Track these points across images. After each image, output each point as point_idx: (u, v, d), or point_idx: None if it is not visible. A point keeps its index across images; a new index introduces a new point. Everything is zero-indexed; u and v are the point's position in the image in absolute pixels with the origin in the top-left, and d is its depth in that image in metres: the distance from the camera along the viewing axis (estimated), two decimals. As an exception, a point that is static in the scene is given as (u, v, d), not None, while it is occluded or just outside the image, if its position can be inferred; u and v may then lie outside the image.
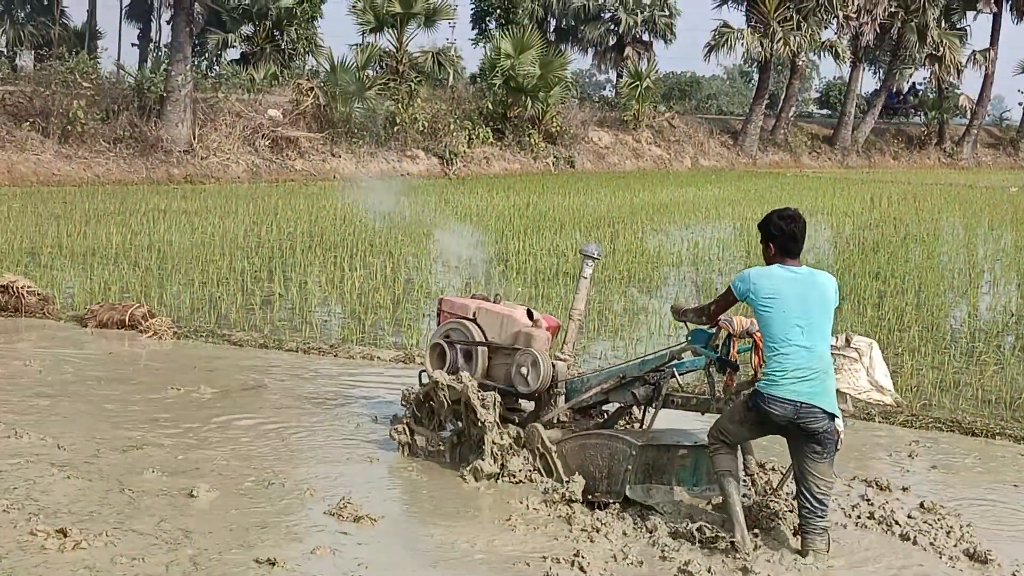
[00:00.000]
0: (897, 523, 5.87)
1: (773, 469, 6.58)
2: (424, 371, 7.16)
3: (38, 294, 11.00)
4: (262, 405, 7.87)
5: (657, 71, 44.77)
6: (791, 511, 5.83)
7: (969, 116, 54.99)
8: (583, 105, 43.68)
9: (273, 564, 5.04)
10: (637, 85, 42.17)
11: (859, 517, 5.99)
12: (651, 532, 5.66)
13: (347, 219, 19.49)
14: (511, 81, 35.93)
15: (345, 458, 6.77)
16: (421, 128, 33.37)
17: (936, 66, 51.18)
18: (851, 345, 5.89)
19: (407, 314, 11.53)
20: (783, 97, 51.56)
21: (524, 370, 6.63)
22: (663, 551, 5.41)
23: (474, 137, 34.82)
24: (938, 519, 5.96)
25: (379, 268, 14.08)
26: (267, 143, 30.07)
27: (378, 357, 9.63)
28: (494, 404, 6.49)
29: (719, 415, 5.89)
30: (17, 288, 10.81)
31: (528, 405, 6.99)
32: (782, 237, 5.57)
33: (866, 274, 14.77)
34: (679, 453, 6.08)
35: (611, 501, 5.97)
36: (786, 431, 5.50)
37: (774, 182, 35.15)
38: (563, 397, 6.64)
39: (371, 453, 6.84)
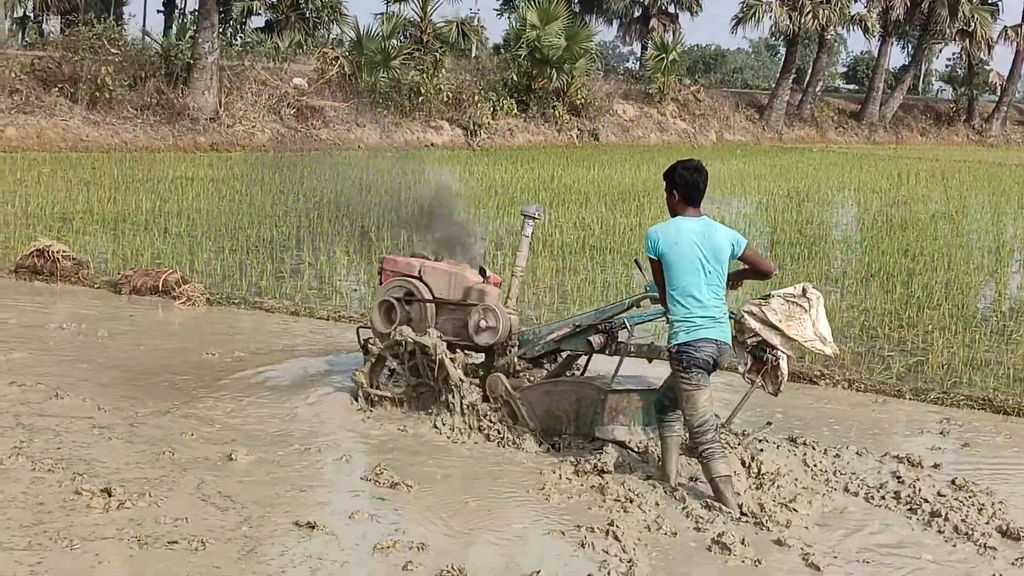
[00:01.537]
0: (926, 500, 5.91)
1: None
2: (361, 327, 7.61)
3: (73, 259, 11.10)
4: (297, 372, 7.94)
5: (683, 43, 44.55)
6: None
7: (999, 93, 54.56)
8: (608, 77, 43.57)
9: (313, 527, 5.11)
10: (663, 58, 41.98)
11: (886, 495, 6.03)
12: (684, 503, 5.72)
13: (372, 189, 19.52)
14: (536, 52, 35.82)
15: (380, 426, 6.83)
16: (445, 99, 33.33)
17: (966, 41, 50.80)
18: (806, 295, 6.12)
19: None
20: (810, 71, 51.26)
21: (483, 324, 6.89)
22: (697, 522, 5.47)
23: (498, 108, 34.77)
24: (969, 496, 5.98)
25: (405, 238, 14.12)
26: (292, 112, 30.12)
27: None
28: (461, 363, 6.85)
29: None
30: (53, 252, 10.92)
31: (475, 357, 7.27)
32: (685, 186, 5.91)
33: (895, 251, 14.73)
34: (637, 397, 6.47)
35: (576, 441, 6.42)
36: (707, 371, 5.82)
37: (800, 157, 35.01)
38: (516, 348, 6.95)
39: (404, 422, 6.90)
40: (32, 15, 45.18)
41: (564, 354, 7.09)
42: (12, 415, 6.52)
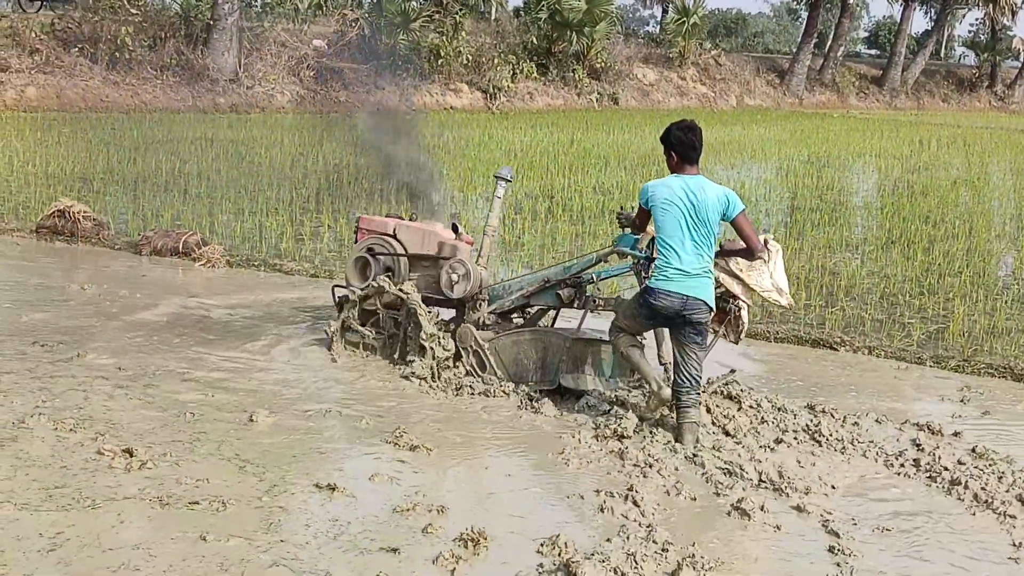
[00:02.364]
0: (946, 468, 5.90)
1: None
2: (337, 285, 7.95)
3: (93, 219, 11.14)
4: (317, 335, 7.95)
5: (704, 7, 44.15)
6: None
7: (1022, 59, 53.99)
8: (628, 41, 43.27)
9: (333, 489, 5.14)
10: (683, 21, 41.65)
11: (905, 463, 6.03)
12: (703, 467, 5.73)
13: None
14: (556, 15, 35.60)
15: (400, 388, 6.85)
16: (465, 62, 33.19)
17: (990, 6, 50.30)
18: (767, 247, 6.34)
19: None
20: (832, 36, 50.85)
21: (455, 277, 7.21)
22: (716, 487, 5.47)
23: (518, 72, 34.59)
24: (990, 464, 5.97)
25: (422, 203, 14.09)
26: (312, 73, 30.04)
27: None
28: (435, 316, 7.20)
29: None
30: (73, 213, 10.96)
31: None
32: (682, 146, 6.20)
33: (916, 218, 14.64)
34: (601, 347, 6.80)
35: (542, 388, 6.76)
36: (672, 322, 6.13)
37: (820, 123, 34.78)
38: (487, 303, 7.29)
39: (425, 385, 6.91)
40: (52, -25, 45.17)
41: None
42: (34, 375, 6.56)
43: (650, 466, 5.69)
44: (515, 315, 7.50)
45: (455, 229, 7.57)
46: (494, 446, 6.03)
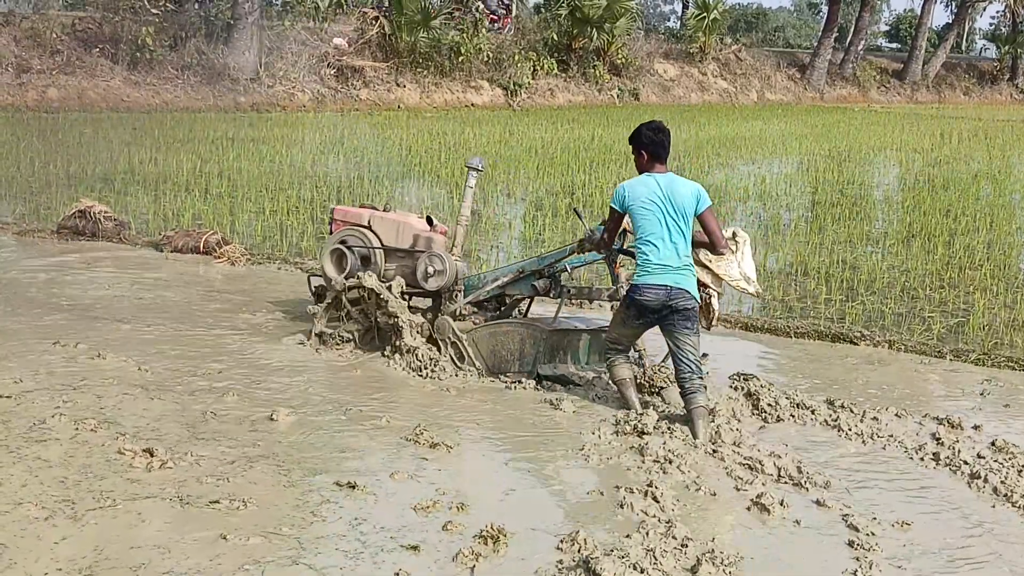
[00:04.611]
0: (966, 462, 5.88)
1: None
2: (312, 275, 8.31)
3: (114, 219, 11.20)
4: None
5: (724, 2, 44.02)
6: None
7: (1044, 51, 53.61)
8: (648, 37, 43.21)
9: (353, 487, 5.16)
10: (704, 16, 41.54)
11: (925, 457, 6.01)
12: (723, 463, 5.73)
13: (412, 150, 19.52)
14: (576, 12, 35.56)
15: (420, 386, 6.87)
16: (485, 59, 33.20)
17: (1012, -1, 49.89)
18: (735, 238, 6.66)
19: (475, 245, 11.57)
20: (852, 30, 50.55)
21: (431, 270, 7.38)
22: (736, 483, 5.47)
23: (538, 68, 34.59)
24: (1010, 458, 5.94)
25: (446, 199, 14.13)
26: (332, 72, 30.10)
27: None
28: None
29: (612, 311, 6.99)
30: (94, 213, 11.03)
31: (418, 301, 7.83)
32: (652, 145, 6.41)
33: (936, 211, 14.57)
34: (575, 337, 7.10)
35: (522, 378, 6.93)
36: (661, 315, 6.30)
37: (841, 117, 34.64)
38: (462, 294, 7.45)
39: (448, 383, 6.94)
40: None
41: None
42: (55, 375, 6.60)
43: (670, 461, 5.69)
44: (489, 305, 7.67)
45: (430, 221, 7.71)
46: (513, 443, 6.04)
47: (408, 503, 5.04)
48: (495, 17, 34.32)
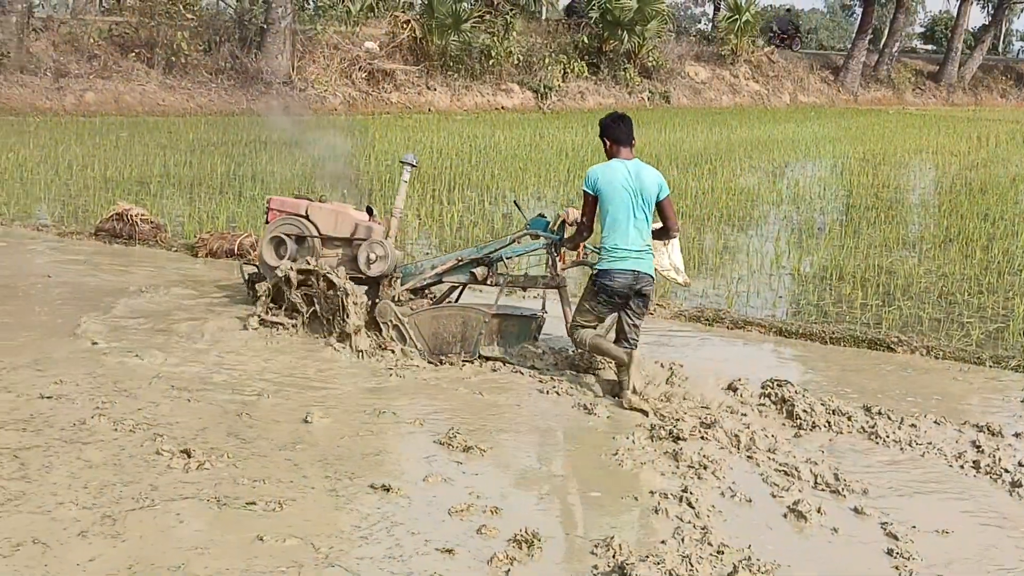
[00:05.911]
0: (1007, 470, 5.82)
1: None
2: (244, 263, 8.84)
3: (151, 222, 11.28)
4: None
5: (756, 4, 43.85)
6: None
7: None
8: (680, 39, 43.07)
9: (388, 490, 5.16)
10: (736, 19, 41.39)
11: (965, 465, 5.95)
12: (759, 468, 5.70)
13: (443, 152, 19.55)
14: (607, 14, 35.53)
15: (454, 389, 6.88)
16: (516, 62, 33.23)
17: (1049, 0, 49.43)
18: None
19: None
20: (887, 32, 50.28)
21: (373, 257, 7.70)
22: (773, 489, 5.44)
23: (569, 71, 34.58)
24: (1052, 466, 5.88)
25: (476, 202, 14.15)
26: (363, 75, 30.21)
27: (479, 290, 9.70)
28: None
29: (549, 288, 7.55)
30: (131, 216, 11.10)
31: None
32: (614, 131, 6.93)
33: (974, 215, 14.44)
34: (511, 320, 7.47)
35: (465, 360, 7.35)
36: (624, 297, 6.74)
37: (876, 119, 34.42)
38: (400, 280, 7.87)
39: (479, 386, 6.94)
40: (108, -20, 45.75)
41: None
42: (93, 377, 6.65)
43: (705, 467, 5.66)
44: (425, 291, 8.14)
45: (370, 211, 8.14)
46: (547, 447, 6.04)
47: (442, 506, 5.04)
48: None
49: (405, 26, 31.84)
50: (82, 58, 26.07)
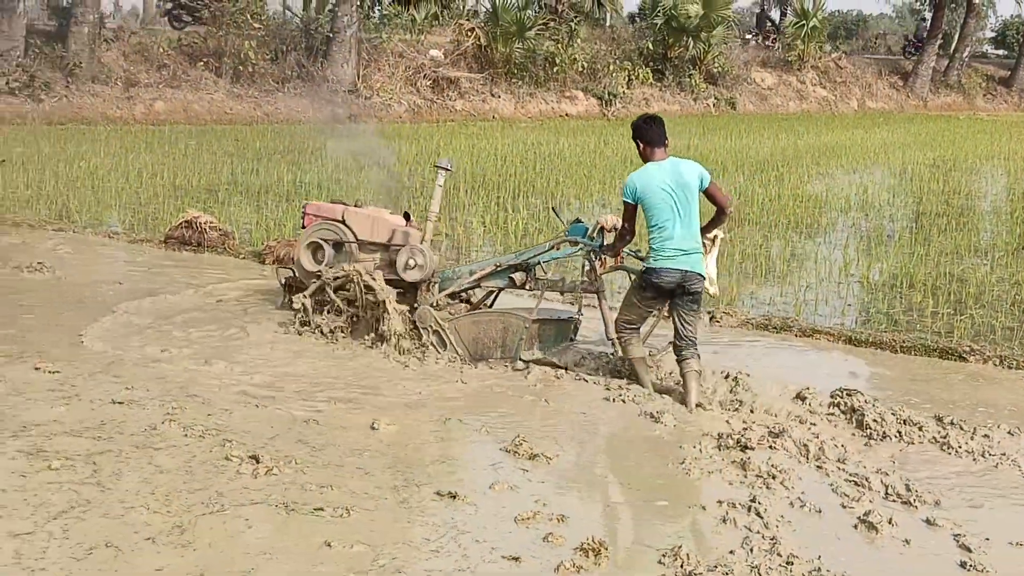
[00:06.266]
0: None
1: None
2: (279, 267, 9.02)
3: (219, 229, 11.41)
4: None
5: (823, 9, 43.42)
6: None
7: None
8: (746, 45, 42.77)
9: (454, 497, 5.17)
10: (803, 24, 41.03)
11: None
12: (829, 478, 5.62)
13: (507, 160, 19.58)
14: (672, 20, 35.39)
15: (519, 396, 6.87)
16: (580, 69, 33.20)
17: (1125, 3, 48.41)
18: (714, 241, 7.23)
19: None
20: (957, 36, 49.47)
21: (412, 263, 7.75)
22: (843, 500, 5.36)
23: (633, 78, 34.49)
24: None
25: (541, 209, 14.14)
26: (428, 83, 30.37)
27: (545, 298, 9.69)
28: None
29: (585, 293, 7.66)
30: (200, 223, 11.25)
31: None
32: (647, 133, 6.96)
33: (1048, 222, 14.18)
34: (550, 324, 7.65)
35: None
36: (672, 294, 6.86)
37: (946, 125, 33.92)
38: (437, 285, 7.88)
39: (545, 393, 6.93)
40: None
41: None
42: (163, 382, 6.74)
43: (773, 477, 5.60)
44: (459, 297, 8.15)
45: (407, 217, 8.21)
46: (614, 455, 6.01)
47: (508, 514, 5.03)
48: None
49: (470, 34, 31.97)
50: (152, 68, 26.49)
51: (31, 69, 24.18)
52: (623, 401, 6.78)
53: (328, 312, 7.91)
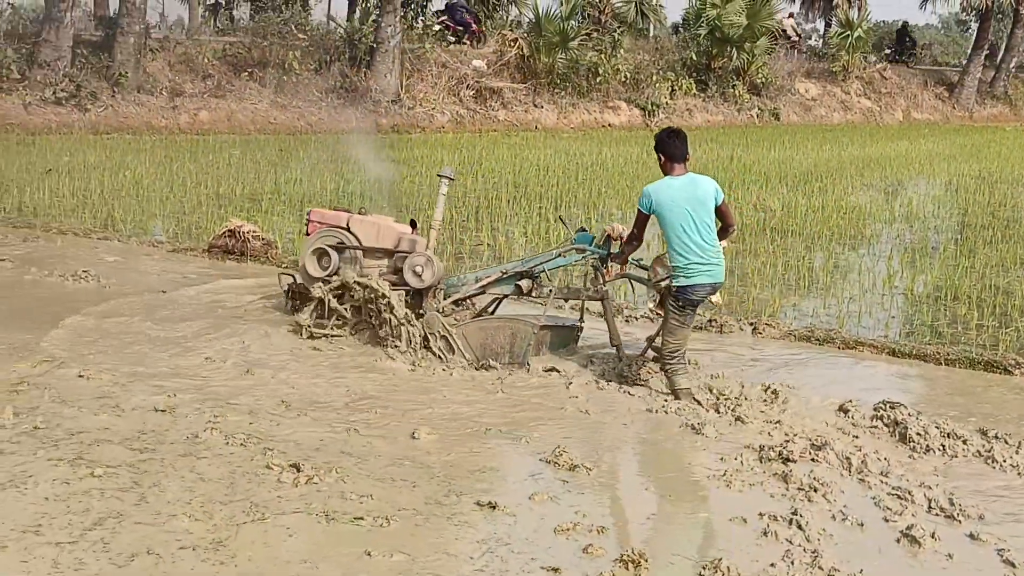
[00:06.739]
0: None
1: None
2: (282, 273, 8.99)
3: (262, 239, 11.49)
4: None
5: (868, 20, 43.04)
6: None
7: None
8: (790, 55, 42.52)
9: (494, 508, 5.17)
10: (847, 35, 40.73)
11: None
12: (871, 491, 5.57)
13: (550, 170, 19.58)
14: (716, 31, 35.25)
15: (559, 407, 6.86)
16: (623, 79, 33.16)
17: None
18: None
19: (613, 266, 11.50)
20: (1004, 47, 48.92)
21: (419, 269, 7.82)
22: (885, 513, 5.31)
23: (676, 88, 34.38)
24: None
25: (584, 220, 14.12)
26: (471, 93, 30.43)
27: (587, 309, 9.68)
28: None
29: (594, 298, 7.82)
30: (243, 232, 11.33)
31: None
32: (670, 147, 7.06)
33: (1096, 235, 13.98)
34: (555, 331, 7.91)
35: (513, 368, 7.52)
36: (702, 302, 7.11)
37: (992, 136, 33.57)
38: (442, 292, 8.00)
39: (585, 404, 6.91)
40: (223, 2, 46.98)
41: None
42: (205, 391, 6.79)
43: (815, 490, 5.56)
44: (467, 304, 8.26)
45: (413, 224, 8.39)
46: (654, 467, 5.99)
47: (548, 525, 5.03)
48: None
49: (513, 44, 32.00)
50: (196, 78, 26.72)
51: (77, 79, 24.46)
52: (665, 412, 6.76)
53: (336, 319, 8.05)
